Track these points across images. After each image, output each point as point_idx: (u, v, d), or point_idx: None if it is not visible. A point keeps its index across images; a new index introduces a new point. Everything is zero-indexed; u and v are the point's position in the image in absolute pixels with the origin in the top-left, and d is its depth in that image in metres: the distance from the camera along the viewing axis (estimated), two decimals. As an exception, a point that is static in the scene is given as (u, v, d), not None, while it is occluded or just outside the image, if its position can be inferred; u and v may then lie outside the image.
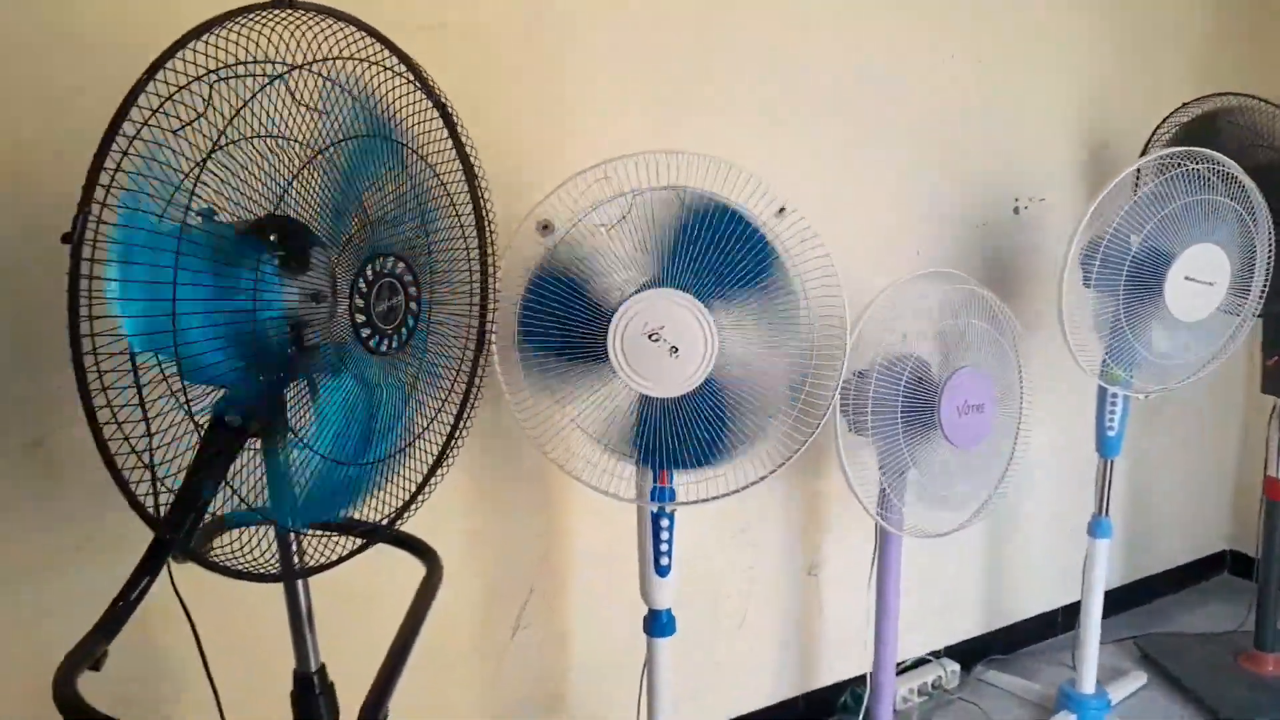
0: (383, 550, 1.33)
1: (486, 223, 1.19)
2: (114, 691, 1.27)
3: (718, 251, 1.38)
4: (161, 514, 1.00)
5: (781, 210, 2.11)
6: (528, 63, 1.72)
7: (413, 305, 1.03)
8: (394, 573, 1.29)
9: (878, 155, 2.18)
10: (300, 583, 1.18)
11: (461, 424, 1.20)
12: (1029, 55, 2.38)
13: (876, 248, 2.22)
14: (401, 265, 1.01)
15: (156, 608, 1.31)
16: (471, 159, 1.14)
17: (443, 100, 1.12)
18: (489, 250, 1.21)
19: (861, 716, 2.07)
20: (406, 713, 1.80)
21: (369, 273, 0.97)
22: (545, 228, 1.58)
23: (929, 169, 2.27)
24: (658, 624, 1.62)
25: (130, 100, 0.85)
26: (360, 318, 0.97)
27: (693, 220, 1.40)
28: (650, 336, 1.37)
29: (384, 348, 1.01)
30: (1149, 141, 2.40)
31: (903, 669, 2.45)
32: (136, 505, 0.96)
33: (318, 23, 1.02)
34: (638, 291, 1.40)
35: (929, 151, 2.26)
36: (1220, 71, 2.77)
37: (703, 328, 1.36)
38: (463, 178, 1.15)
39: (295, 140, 1.00)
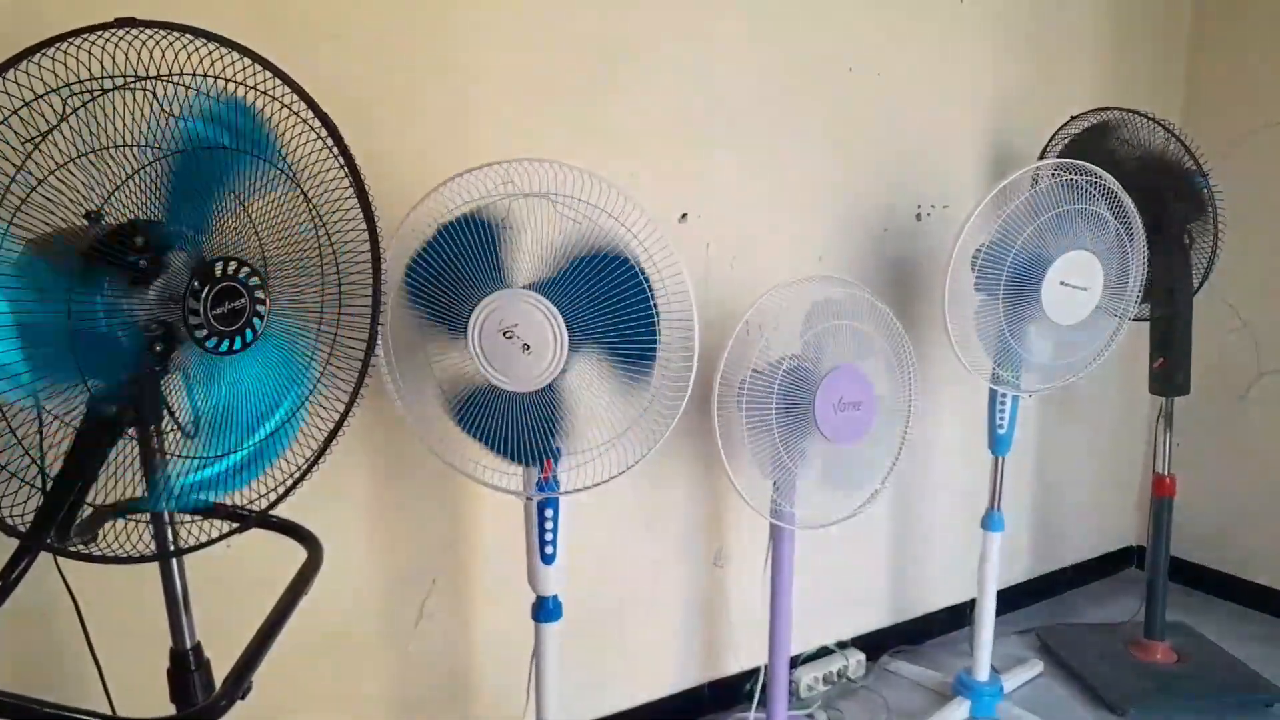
0: (277, 538, 1.41)
1: (375, 224, 1.26)
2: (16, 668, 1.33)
3: (581, 268, 1.47)
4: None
5: (684, 216, 2.21)
6: (432, 77, 1.79)
7: (259, 309, 1.10)
8: (287, 559, 1.35)
9: (783, 164, 2.28)
10: (175, 564, 1.24)
11: (345, 419, 1.27)
12: (931, 68, 2.49)
13: (780, 252, 2.31)
14: (246, 269, 1.08)
15: (61, 592, 1.39)
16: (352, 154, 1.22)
17: (321, 108, 1.19)
18: (379, 253, 1.28)
19: (756, 704, 2.16)
20: (312, 699, 1.88)
21: (206, 276, 1.05)
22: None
23: (833, 177, 2.37)
24: (544, 610, 1.70)
25: None
26: (195, 319, 1.04)
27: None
28: (505, 334, 1.44)
29: (224, 348, 1.08)
30: (1043, 153, 2.52)
31: (808, 658, 2.54)
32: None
33: (179, 39, 1.09)
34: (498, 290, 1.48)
35: (834, 160, 2.36)
36: (1118, 83, 2.91)
37: (553, 330, 1.44)
38: (336, 183, 1.23)
39: (152, 147, 1.08)
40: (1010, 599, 2.97)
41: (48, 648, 1.58)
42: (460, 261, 1.46)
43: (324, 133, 1.18)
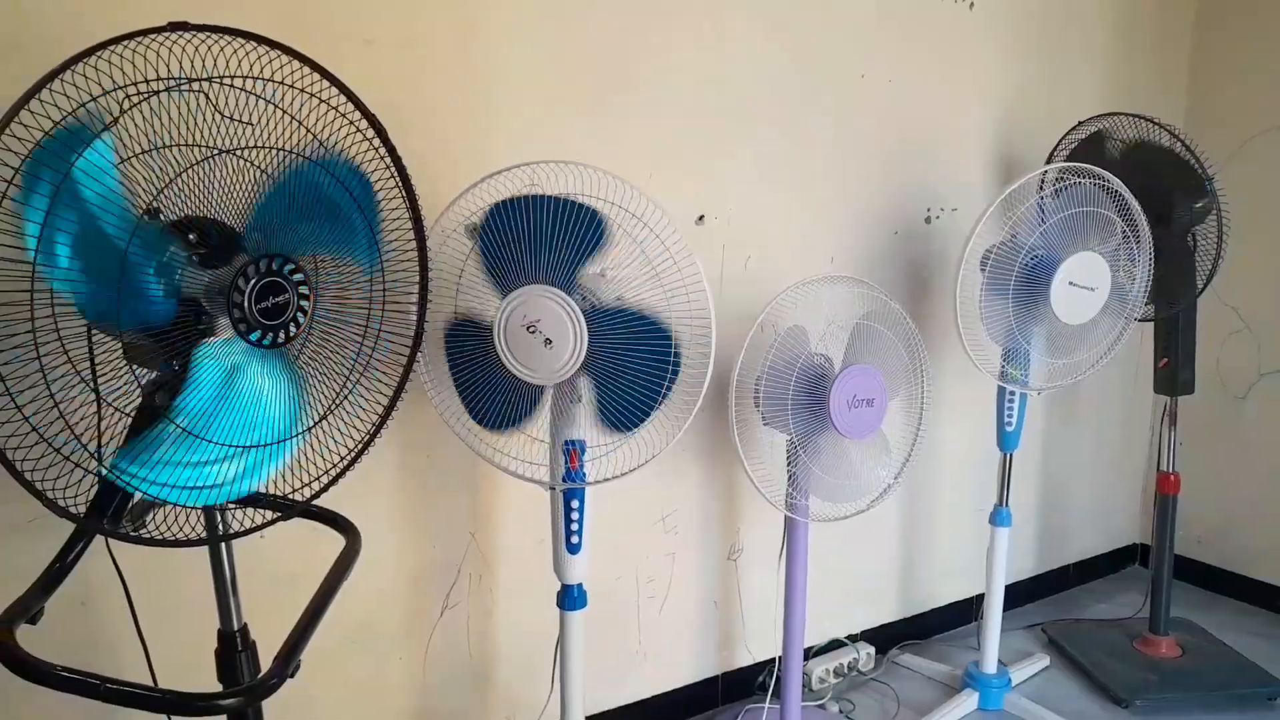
0: (321, 529, 1.46)
1: (423, 228, 1.32)
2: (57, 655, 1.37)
3: (577, 248, 1.52)
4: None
5: (701, 218, 2.26)
6: (457, 79, 1.84)
7: (303, 304, 1.15)
8: (329, 551, 1.40)
9: (797, 167, 2.33)
10: (224, 548, 1.29)
11: (390, 413, 1.32)
12: (940, 74, 2.54)
13: (793, 253, 2.36)
14: (291, 266, 1.13)
15: (99, 580, 1.43)
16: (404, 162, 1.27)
17: (370, 112, 1.24)
18: (426, 255, 1.33)
19: (771, 694, 2.21)
20: (344, 687, 1.93)
21: (251, 272, 1.10)
22: (473, 230, 1.71)
23: (846, 180, 2.42)
24: (569, 598, 1.75)
25: (6, 121, 0.98)
26: (236, 312, 1.10)
27: (562, 223, 1.52)
28: (528, 329, 1.50)
29: (266, 341, 1.13)
30: (1050, 156, 2.57)
31: (819, 651, 2.59)
32: (52, 505, 1.08)
33: (231, 43, 1.14)
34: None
35: (846, 164, 2.41)
36: (1123, 88, 2.96)
37: (572, 322, 1.49)
38: (380, 184, 1.28)
39: (213, 148, 1.13)
40: (1017, 594, 3.03)
41: (86, 631, 1.62)
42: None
43: (370, 132, 1.23)
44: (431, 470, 1.93)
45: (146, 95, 1.13)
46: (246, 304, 1.13)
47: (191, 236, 1.15)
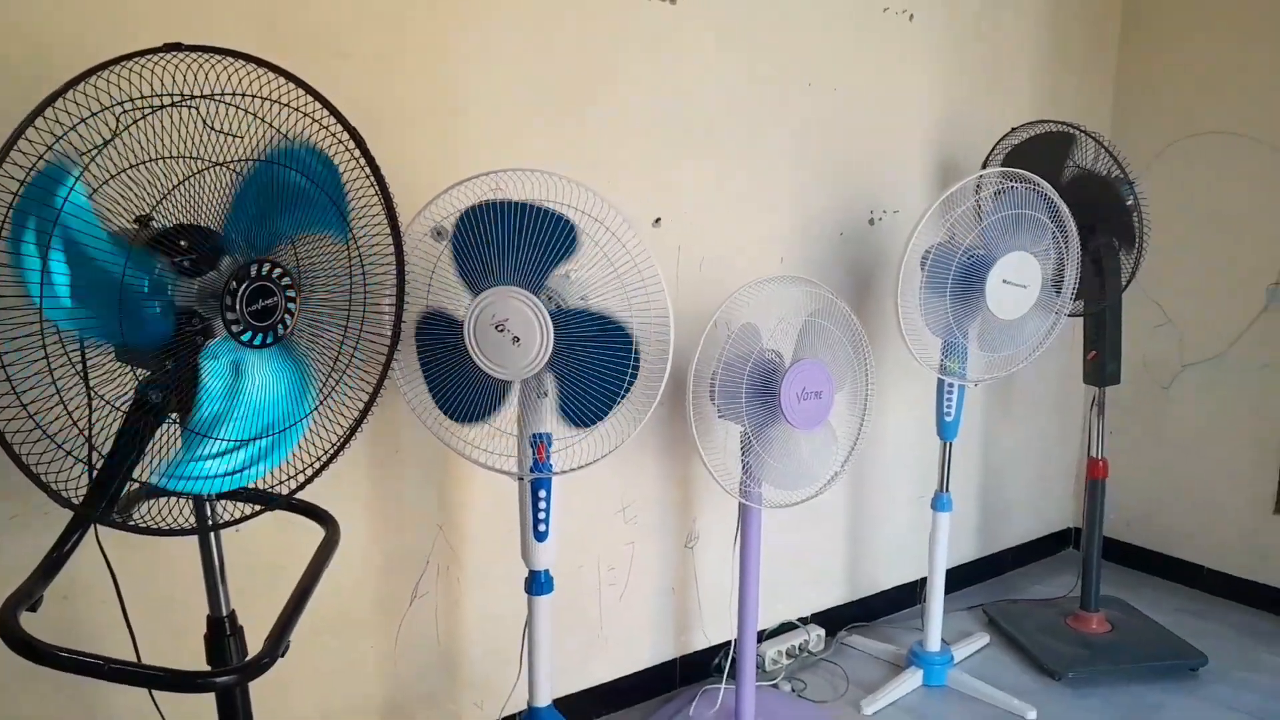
0: (295, 524, 1.53)
1: (400, 234, 1.40)
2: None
3: (549, 253, 1.60)
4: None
5: (658, 221, 2.36)
6: (428, 91, 1.91)
7: (290, 306, 1.23)
8: (303, 544, 1.48)
9: (748, 173, 2.44)
10: (213, 537, 1.36)
11: (369, 409, 1.40)
12: (882, 84, 2.67)
13: (744, 254, 2.47)
14: (279, 270, 1.21)
15: (81, 575, 1.49)
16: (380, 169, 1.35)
17: (351, 125, 1.32)
18: (403, 259, 1.41)
19: (726, 675, 2.32)
20: (318, 674, 2.00)
21: (240, 276, 1.18)
22: (439, 234, 1.78)
23: (794, 184, 2.54)
24: (536, 583, 1.84)
25: (16, 135, 1.06)
26: (230, 314, 1.18)
27: (534, 228, 1.61)
28: (497, 328, 1.58)
29: (256, 341, 1.21)
30: (985, 161, 2.72)
31: (772, 634, 2.71)
32: (54, 494, 1.14)
33: (220, 61, 1.22)
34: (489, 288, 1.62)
35: (794, 169, 2.53)
36: (1053, 98, 3.12)
37: (538, 321, 1.58)
38: (361, 192, 1.36)
39: (200, 159, 1.20)
40: (958, 578, 3.18)
41: (68, 625, 1.67)
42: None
43: (351, 143, 1.31)
44: (400, 464, 2.00)
45: (146, 112, 1.20)
46: (239, 308, 1.21)
47: (183, 243, 1.22)
